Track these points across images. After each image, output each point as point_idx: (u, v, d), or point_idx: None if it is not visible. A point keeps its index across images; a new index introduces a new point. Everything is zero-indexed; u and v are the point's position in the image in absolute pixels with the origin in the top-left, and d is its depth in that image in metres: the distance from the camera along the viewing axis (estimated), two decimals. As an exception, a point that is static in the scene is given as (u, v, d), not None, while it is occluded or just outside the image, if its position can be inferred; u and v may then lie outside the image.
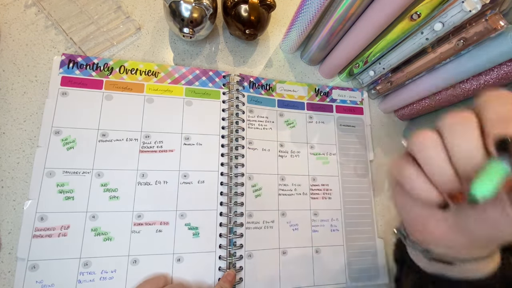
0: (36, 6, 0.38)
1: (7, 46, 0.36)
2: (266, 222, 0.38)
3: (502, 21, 0.29)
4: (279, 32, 0.48)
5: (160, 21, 0.43)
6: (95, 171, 0.34)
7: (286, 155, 0.42)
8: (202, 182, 0.37)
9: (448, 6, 0.30)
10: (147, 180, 0.36)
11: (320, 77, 0.48)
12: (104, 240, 0.33)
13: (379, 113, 0.49)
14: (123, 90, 0.38)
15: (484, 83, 0.36)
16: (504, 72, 0.34)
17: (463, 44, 0.33)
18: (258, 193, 0.39)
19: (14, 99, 0.35)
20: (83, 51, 0.38)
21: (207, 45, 0.44)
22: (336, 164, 0.44)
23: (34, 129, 0.34)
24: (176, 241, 0.35)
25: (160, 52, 0.41)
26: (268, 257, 0.37)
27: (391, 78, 0.43)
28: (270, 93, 0.44)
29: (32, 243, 0.31)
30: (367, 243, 0.42)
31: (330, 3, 0.36)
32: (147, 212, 0.35)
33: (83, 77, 0.37)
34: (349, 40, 0.39)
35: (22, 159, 0.33)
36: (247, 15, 0.38)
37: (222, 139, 0.39)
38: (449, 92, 0.40)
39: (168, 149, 0.37)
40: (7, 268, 0.31)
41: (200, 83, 0.40)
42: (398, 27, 0.35)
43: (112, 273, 0.32)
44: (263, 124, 0.42)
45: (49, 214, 0.32)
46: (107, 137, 0.36)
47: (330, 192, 0.42)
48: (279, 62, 0.47)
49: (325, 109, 0.46)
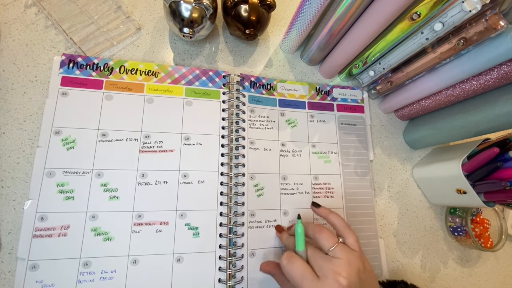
0: (36, 6, 0.38)
1: (7, 46, 0.36)
2: (269, 221, 0.38)
3: (502, 21, 0.30)
4: (279, 32, 0.48)
5: (160, 21, 0.43)
6: (95, 171, 0.34)
7: (288, 154, 0.42)
8: (202, 182, 0.37)
9: (448, 6, 0.30)
10: (147, 180, 0.36)
11: (320, 77, 0.48)
12: (104, 240, 0.33)
13: (379, 113, 0.49)
14: (123, 90, 0.37)
15: (484, 83, 0.36)
16: (504, 72, 0.34)
17: (463, 44, 0.33)
18: (260, 192, 0.39)
19: (14, 99, 0.35)
20: (83, 51, 0.38)
21: (207, 45, 0.44)
22: (337, 163, 0.44)
23: (34, 129, 0.34)
24: (176, 241, 0.35)
25: (160, 52, 0.41)
26: (271, 256, 0.37)
27: (391, 78, 0.43)
28: (271, 92, 0.44)
29: (32, 243, 0.31)
30: (369, 242, 0.42)
31: (330, 3, 0.36)
32: (147, 212, 0.35)
33: (83, 77, 0.37)
34: (349, 40, 0.39)
35: (22, 159, 0.33)
36: (247, 15, 0.38)
37: (222, 139, 0.39)
38: (449, 92, 0.40)
39: (168, 149, 0.37)
40: (7, 268, 0.31)
41: (200, 83, 0.40)
42: (398, 27, 0.35)
43: (112, 273, 0.32)
44: (265, 124, 0.42)
45: (49, 214, 0.32)
46: (107, 137, 0.36)
47: (332, 191, 0.42)
48: (279, 62, 0.47)
49: (326, 108, 0.46)
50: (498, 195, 0.39)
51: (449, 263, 0.46)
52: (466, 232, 0.44)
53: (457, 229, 0.46)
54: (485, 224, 0.46)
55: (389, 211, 0.45)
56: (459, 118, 0.41)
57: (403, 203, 0.46)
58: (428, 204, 0.48)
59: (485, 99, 0.38)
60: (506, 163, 0.39)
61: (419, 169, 0.47)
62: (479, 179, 0.40)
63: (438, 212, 0.48)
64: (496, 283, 0.48)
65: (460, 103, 0.41)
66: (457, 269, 0.47)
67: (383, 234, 0.44)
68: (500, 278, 0.49)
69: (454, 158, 0.41)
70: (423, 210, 0.47)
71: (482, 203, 0.39)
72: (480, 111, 0.38)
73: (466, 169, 0.40)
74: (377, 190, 0.45)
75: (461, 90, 0.39)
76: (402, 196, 0.47)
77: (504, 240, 0.44)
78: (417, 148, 0.49)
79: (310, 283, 0.26)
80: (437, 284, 0.45)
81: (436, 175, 0.44)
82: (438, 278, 0.45)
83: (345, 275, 0.26)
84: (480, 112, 0.38)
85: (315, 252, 0.29)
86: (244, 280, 0.35)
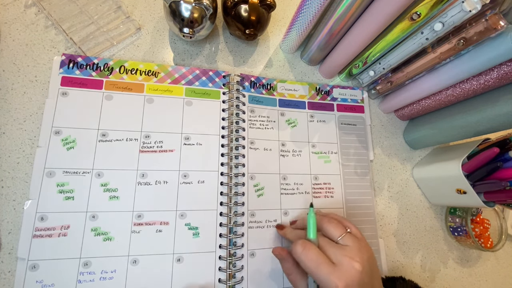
0: (36, 6, 0.38)
1: (7, 46, 0.36)
2: (269, 221, 0.38)
3: (502, 21, 0.30)
4: (279, 32, 0.48)
5: (160, 21, 0.43)
6: (95, 171, 0.34)
7: (288, 154, 0.42)
8: (202, 182, 0.37)
9: (448, 6, 0.30)
10: (147, 180, 0.36)
11: (320, 77, 0.48)
12: (104, 240, 0.33)
13: (379, 113, 0.49)
14: (123, 90, 0.37)
15: (484, 83, 0.36)
16: (504, 72, 0.34)
17: (463, 44, 0.33)
18: (261, 192, 0.39)
19: (14, 99, 0.35)
20: (83, 51, 0.38)
21: (207, 45, 0.44)
22: (337, 163, 0.44)
23: (34, 129, 0.34)
24: (176, 241, 0.35)
25: (160, 52, 0.41)
26: (271, 256, 0.37)
27: (391, 78, 0.43)
28: (271, 92, 0.44)
29: (32, 243, 0.31)
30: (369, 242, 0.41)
31: (330, 3, 0.36)
32: (147, 212, 0.35)
33: (83, 77, 0.37)
34: (349, 40, 0.39)
35: (22, 159, 0.33)
36: (247, 15, 0.38)
37: (222, 139, 0.39)
38: (449, 92, 0.40)
39: (168, 149, 0.37)
40: (7, 268, 0.31)
41: (200, 83, 0.40)
42: (398, 27, 0.35)
43: (112, 273, 0.32)
44: (265, 124, 0.42)
45: (49, 214, 0.32)
46: (107, 137, 0.36)
47: (332, 191, 0.42)
48: (279, 62, 0.47)
49: (326, 108, 0.46)
50: (498, 195, 0.39)
51: (449, 263, 0.46)
52: (466, 232, 0.44)
53: (457, 229, 0.46)
54: (485, 224, 0.46)
55: (389, 211, 0.45)
56: (459, 118, 0.41)
57: (403, 203, 0.46)
58: (428, 204, 0.48)
59: (485, 99, 0.38)
60: (506, 163, 0.39)
61: (419, 169, 0.47)
62: (479, 179, 0.40)
63: (438, 212, 0.48)
64: (496, 283, 0.48)
65: (460, 103, 0.41)
66: (457, 269, 0.47)
67: (383, 234, 0.44)
68: (500, 278, 0.49)
69: (454, 158, 0.41)
70: (423, 210, 0.47)
71: (482, 203, 0.39)
72: (480, 111, 0.38)
73: (466, 169, 0.40)
74: (377, 190, 0.45)
75: (461, 90, 0.39)
76: (402, 196, 0.47)
77: (504, 240, 0.44)
78: (417, 148, 0.49)
79: (326, 269, 0.27)
80: (437, 284, 0.45)
81: (436, 175, 0.44)
82: (438, 278, 0.45)
83: (358, 260, 0.27)
84: (480, 112, 0.38)
85: (326, 240, 0.30)
86: (244, 280, 0.35)
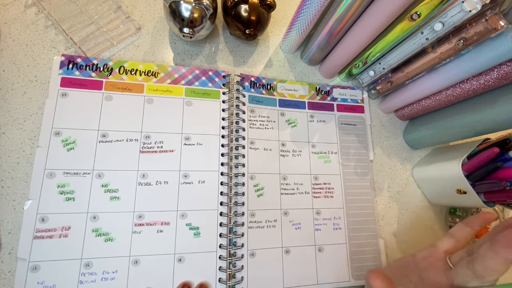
0: (36, 6, 0.38)
1: (7, 46, 0.36)
2: (269, 221, 0.38)
3: (502, 21, 0.30)
4: (279, 32, 0.48)
5: (160, 21, 0.43)
6: (95, 172, 0.34)
7: (288, 154, 0.42)
8: (202, 182, 0.37)
9: (448, 6, 0.30)
10: (147, 180, 0.36)
11: (320, 77, 0.48)
12: (105, 240, 0.33)
13: (379, 113, 0.50)
14: (123, 90, 0.37)
15: (484, 83, 0.36)
16: (504, 72, 0.34)
17: (463, 44, 0.33)
18: (261, 192, 0.39)
19: (14, 99, 0.35)
20: (83, 51, 0.38)
21: (207, 45, 0.44)
22: (337, 163, 0.44)
23: (34, 129, 0.34)
24: (177, 241, 0.35)
25: (160, 52, 0.41)
26: (271, 256, 0.37)
27: (391, 78, 0.43)
28: (271, 92, 0.44)
29: (33, 244, 0.31)
30: (369, 242, 0.42)
31: (330, 3, 0.36)
32: (148, 213, 0.35)
33: (83, 78, 0.37)
34: (349, 40, 0.39)
35: (22, 159, 0.33)
36: (247, 15, 0.38)
37: (222, 139, 0.39)
38: (449, 92, 0.40)
39: (168, 149, 0.37)
40: (7, 268, 0.31)
41: (200, 83, 0.40)
42: (398, 27, 0.35)
43: (113, 274, 0.32)
44: (265, 124, 0.42)
45: (50, 215, 0.32)
46: (107, 138, 0.36)
47: (332, 191, 0.42)
48: (279, 62, 0.47)
49: (326, 108, 0.46)
50: (498, 195, 0.39)
51: (449, 262, 0.46)
52: (466, 232, 0.44)
53: (457, 229, 0.46)
54: (485, 224, 0.46)
55: (389, 211, 0.45)
56: (459, 118, 0.41)
57: (403, 203, 0.46)
58: (428, 204, 0.48)
59: (485, 99, 0.38)
60: (506, 163, 0.39)
61: (419, 169, 0.47)
62: (479, 179, 0.40)
63: (438, 212, 0.48)
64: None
65: (460, 103, 0.41)
66: (457, 269, 0.47)
67: (383, 234, 0.44)
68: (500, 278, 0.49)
69: (454, 158, 0.41)
70: (423, 210, 0.47)
71: (482, 203, 0.39)
72: (480, 111, 0.38)
73: (466, 169, 0.40)
74: (377, 190, 0.45)
75: (461, 90, 0.39)
76: (402, 196, 0.47)
77: (504, 240, 0.44)
78: (417, 148, 0.49)
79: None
80: (437, 284, 0.45)
81: (436, 175, 0.44)
82: (438, 277, 0.45)
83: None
84: (480, 112, 0.38)
85: None
86: (244, 280, 0.35)
